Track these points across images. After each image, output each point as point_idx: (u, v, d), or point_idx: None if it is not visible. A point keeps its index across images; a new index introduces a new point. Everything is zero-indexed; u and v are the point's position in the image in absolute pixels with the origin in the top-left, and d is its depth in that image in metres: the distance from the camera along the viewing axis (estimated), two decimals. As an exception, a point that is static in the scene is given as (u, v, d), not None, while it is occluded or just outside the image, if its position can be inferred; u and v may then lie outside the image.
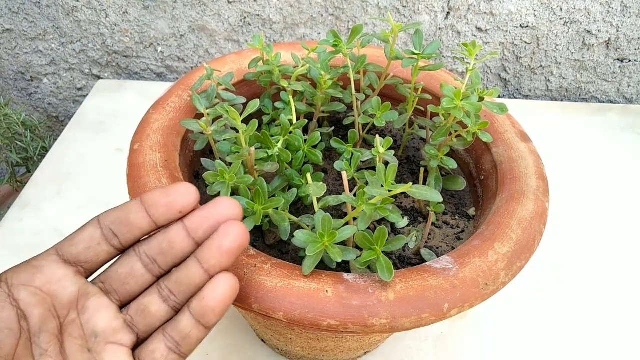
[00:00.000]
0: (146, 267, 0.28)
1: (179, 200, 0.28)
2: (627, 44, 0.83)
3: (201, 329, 0.28)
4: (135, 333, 0.28)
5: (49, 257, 0.28)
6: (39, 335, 0.26)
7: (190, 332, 0.27)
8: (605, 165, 0.75)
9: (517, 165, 0.41)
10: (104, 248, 0.28)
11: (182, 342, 0.28)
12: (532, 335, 0.53)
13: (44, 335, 0.26)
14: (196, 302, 0.27)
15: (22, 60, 0.91)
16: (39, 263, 0.27)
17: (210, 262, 0.27)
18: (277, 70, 0.44)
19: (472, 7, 0.79)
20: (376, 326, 0.30)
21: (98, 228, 0.28)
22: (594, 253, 0.62)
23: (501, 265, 0.33)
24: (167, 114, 0.43)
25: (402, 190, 0.30)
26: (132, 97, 0.84)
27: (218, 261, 0.27)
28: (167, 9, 0.82)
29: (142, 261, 0.28)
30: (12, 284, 0.26)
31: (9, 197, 0.85)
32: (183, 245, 0.28)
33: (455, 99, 0.37)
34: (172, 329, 0.28)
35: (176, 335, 0.28)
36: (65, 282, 0.27)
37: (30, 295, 0.26)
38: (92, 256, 0.28)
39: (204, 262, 0.27)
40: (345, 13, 0.81)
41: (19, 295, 0.26)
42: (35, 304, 0.26)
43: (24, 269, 0.27)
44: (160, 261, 0.28)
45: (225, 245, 0.27)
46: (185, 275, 0.28)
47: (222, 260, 0.27)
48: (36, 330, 0.26)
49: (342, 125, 0.52)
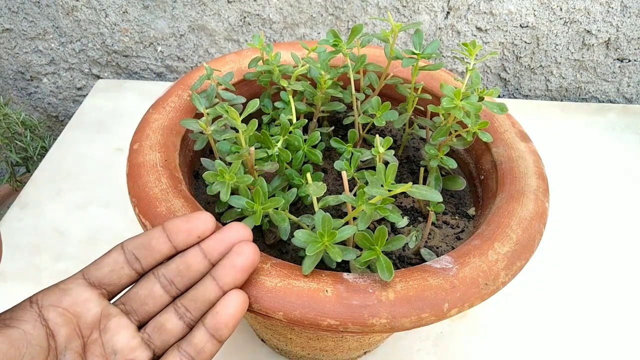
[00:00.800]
0: (164, 288, 0.31)
1: (199, 227, 0.31)
2: (627, 44, 0.83)
3: (215, 343, 0.30)
4: (152, 350, 0.30)
5: (76, 281, 0.30)
6: (64, 353, 0.28)
7: (204, 347, 0.29)
8: (605, 165, 0.75)
9: (517, 165, 0.41)
10: (126, 272, 0.30)
11: (197, 357, 0.29)
12: (532, 335, 0.53)
13: (69, 353, 0.28)
14: (210, 318, 0.29)
15: (21, 59, 0.91)
16: (66, 286, 0.30)
17: (225, 280, 0.30)
18: (277, 69, 0.44)
19: (472, 7, 0.79)
20: (376, 326, 0.30)
21: (122, 253, 0.30)
22: (593, 253, 0.62)
23: (501, 265, 0.33)
24: (166, 113, 0.43)
25: (402, 190, 0.30)
26: (132, 96, 0.84)
27: (233, 278, 0.29)
28: (167, 9, 0.82)
29: (160, 283, 0.31)
30: (42, 305, 0.28)
31: (8, 196, 0.85)
32: (199, 267, 0.30)
33: (455, 98, 0.37)
34: (187, 345, 0.30)
35: (191, 350, 0.29)
36: (89, 304, 0.29)
37: (58, 315, 0.28)
38: (115, 279, 0.30)
39: (219, 280, 0.30)
40: (345, 13, 0.81)
41: (48, 316, 0.28)
42: (62, 324, 0.28)
43: (53, 291, 0.29)
44: (178, 282, 0.30)
45: (239, 263, 0.29)
46: (201, 293, 0.30)
47: (237, 277, 0.30)
48: (62, 348, 0.28)
49: (342, 125, 0.52)
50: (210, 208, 0.42)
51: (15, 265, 0.57)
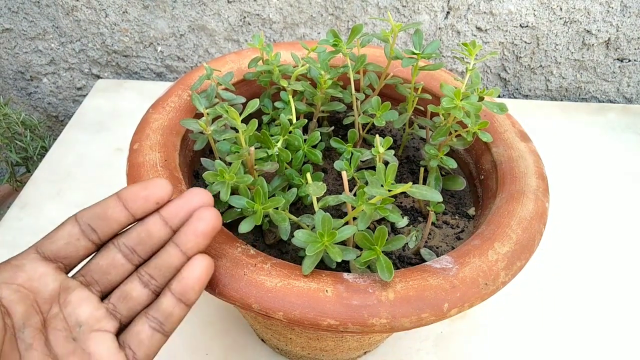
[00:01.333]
0: (126, 257, 0.30)
1: (156, 193, 0.30)
2: (627, 44, 0.83)
3: (182, 307, 0.30)
4: (118, 319, 0.30)
5: (29, 256, 0.29)
6: (23, 331, 0.27)
7: (172, 311, 0.29)
8: (605, 165, 0.75)
9: (517, 165, 0.41)
10: (82, 243, 0.30)
11: (166, 321, 0.30)
12: (532, 335, 0.53)
13: (28, 330, 0.27)
14: (176, 283, 0.29)
15: (21, 59, 0.91)
16: (19, 262, 0.29)
17: (187, 245, 0.29)
18: (277, 69, 0.44)
19: (472, 7, 0.79)
20: (376, 326, 0.30)
21: (76, 225, 0.30)
22: (593, 253, 0.62)
23: (501, 265, 0.33)
24: (166, 113, 0.43)
25: (402, 190, 0.30)
26: (132, 96, 0.84)
27: (195, 243, 0.29)
28: (167, 9, 0.82)
29: (121, 252, 0.30)
30: None
31: (8, 196, 0.85)
32: (161, 234, 0.30)
33: (455, 98, 0.37)
34: (155, 310, 0.30)
35: (159, 316, 0.29)
36: (46, 279, 0.29)
37: (13, 292, 0.27)
38: (71, 251, 0.29)
39: (181, 246, 0.30)
40: (345, 13, 0.81)
41: (1, 294, 0.27)
42: (17, 301, 0.27)
43: (5, 269, 0.28)
44: (140, 250, 0.30)
45: (200, 228, 0.29)
46: (164, 260, 0.30)
47: (199, 242, 0.30)
48: (20, 325, 0.27)
49: (342, 125, 0.52)
50: (210, 208, 0.41)
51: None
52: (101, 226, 0.30)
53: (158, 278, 0.30)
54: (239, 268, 0.32)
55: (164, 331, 0.30)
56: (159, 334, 0.30)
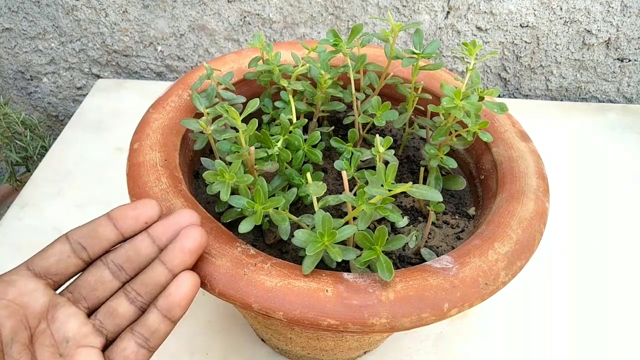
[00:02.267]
0: (113, 274, 0.31)
1: (146, 213, 0.31)
2: (627, 44, 0.82)
3: (168, 323, 0.30)
4: (104, 335, 0.30)
5: (20, 272, 0.30)
6: (11, 346, 0.28)
7: (158, 327, 0.30)
8: (605, 165, 0.75)
9: (517, 165, 0.41)
10: (73, 261, 0.30)
11: (151, 337, 0.30)
12: (532, 334, 0.53)
13: (16, 345, 0.28)
14: (162, 299, 0.30)
15: (21, 59, 0.91)
16: (10, 278, 0.29)
17: (174, 262, 0.30)
18: (277, 69, 0.44)
19: (472, 7, 0.79)
20: (376, 326, 0.30)
21: (67, 243, 0.30)
22: (593, 253, 0.62)
23: (501, 265, 0.33)
24: (166, 113, 0.43)
25: (402, 189, 0.30)
26: (132, 96, 0.84)
27: (181, 260, 0.30)
28: (167, 8, 0.82)
29: (109, 269, 0.31)
30: None
31: (8, 196, 0.85)
32: (148, 252, 0.31)
33: (456, 98, 0.37)
34: (141, 327, 0.30)
35: (145, 332, 0.30)
36: (36, 294, 0.29)
37: (3, 308, 0.28)
38: (62, 268, 0.30)
39: (168, 263, 0.30)
40: (345, 12, 0.81)
41: None
42: (7, 316, 0.28)
43: None
44: (127, 268, 0.31)
45: (187, 246, 0.30)
46: (150, 277, 0.30)
47: (185, 259, 0.30)
48: (8, 340, 0.28)
49: (342, 125, 0.52)
50: (210, 208, 0.42)
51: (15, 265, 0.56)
52: (91, 244, 0.30)
53: (144, 295, 0.30)
54: (239, 268, 0.32)
55: (149, 347, 0.30)
56: (144, 350, 0.30)
